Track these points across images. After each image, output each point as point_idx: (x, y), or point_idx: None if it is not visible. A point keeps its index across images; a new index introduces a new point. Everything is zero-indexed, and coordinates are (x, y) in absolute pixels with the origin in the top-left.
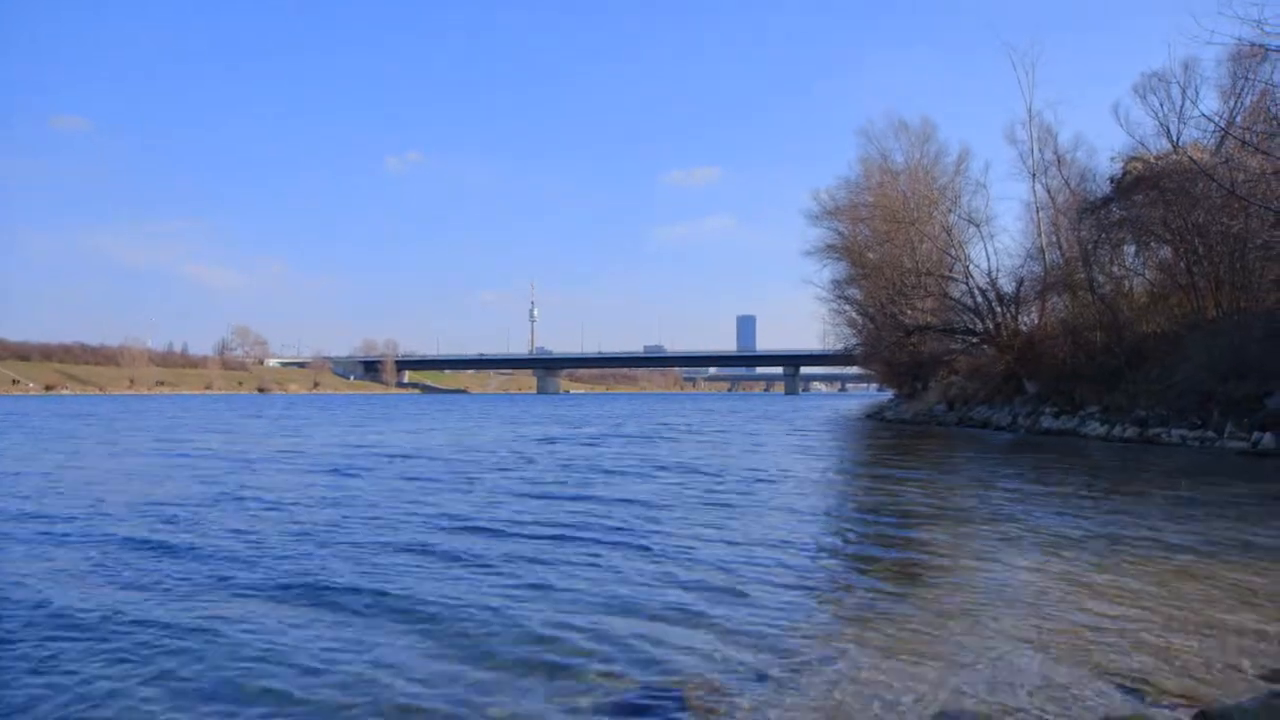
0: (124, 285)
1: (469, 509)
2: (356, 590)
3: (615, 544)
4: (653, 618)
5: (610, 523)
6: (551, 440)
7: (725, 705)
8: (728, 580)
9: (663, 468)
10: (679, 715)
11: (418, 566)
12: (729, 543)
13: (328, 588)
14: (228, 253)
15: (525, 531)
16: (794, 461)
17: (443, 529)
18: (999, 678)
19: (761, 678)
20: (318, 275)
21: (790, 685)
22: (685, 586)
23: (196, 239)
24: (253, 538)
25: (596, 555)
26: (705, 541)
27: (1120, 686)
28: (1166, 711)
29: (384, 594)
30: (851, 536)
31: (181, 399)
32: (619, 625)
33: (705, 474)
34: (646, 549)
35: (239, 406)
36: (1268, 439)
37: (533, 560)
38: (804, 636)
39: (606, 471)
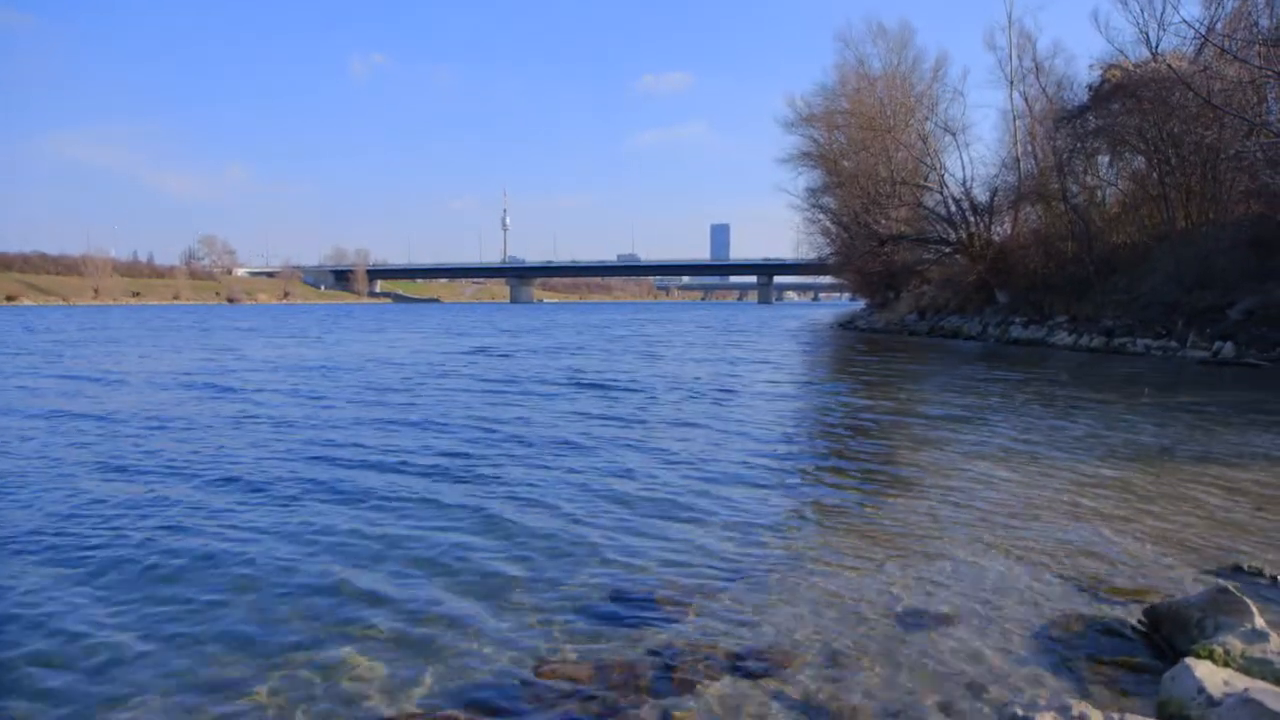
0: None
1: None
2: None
3: (582, 455)
4: (619, 524)
5: (577, 434)
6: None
7: (696, 605)
8: (695, 486)
9: (636, 379)
10: (651, 615)
11: (388, 481)
12: (694, 453)
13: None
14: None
15: (481, 441)
16: (763, 371)
17: (413, 444)
18: (960, 578)
19: (731, 578)
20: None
21: (759, 585)
22: (653, 493)
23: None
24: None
25: (558, 466)
26: (671, 451)
27: (1075, 585)
28: (1118, 608)
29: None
30: (820, 444)
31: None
32: (585, 532)
33: (665, 386)
34: (614, 459)
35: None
36: (1228, 348)
37: (493, 475)
38: (772, 539)
39: (579, 384)
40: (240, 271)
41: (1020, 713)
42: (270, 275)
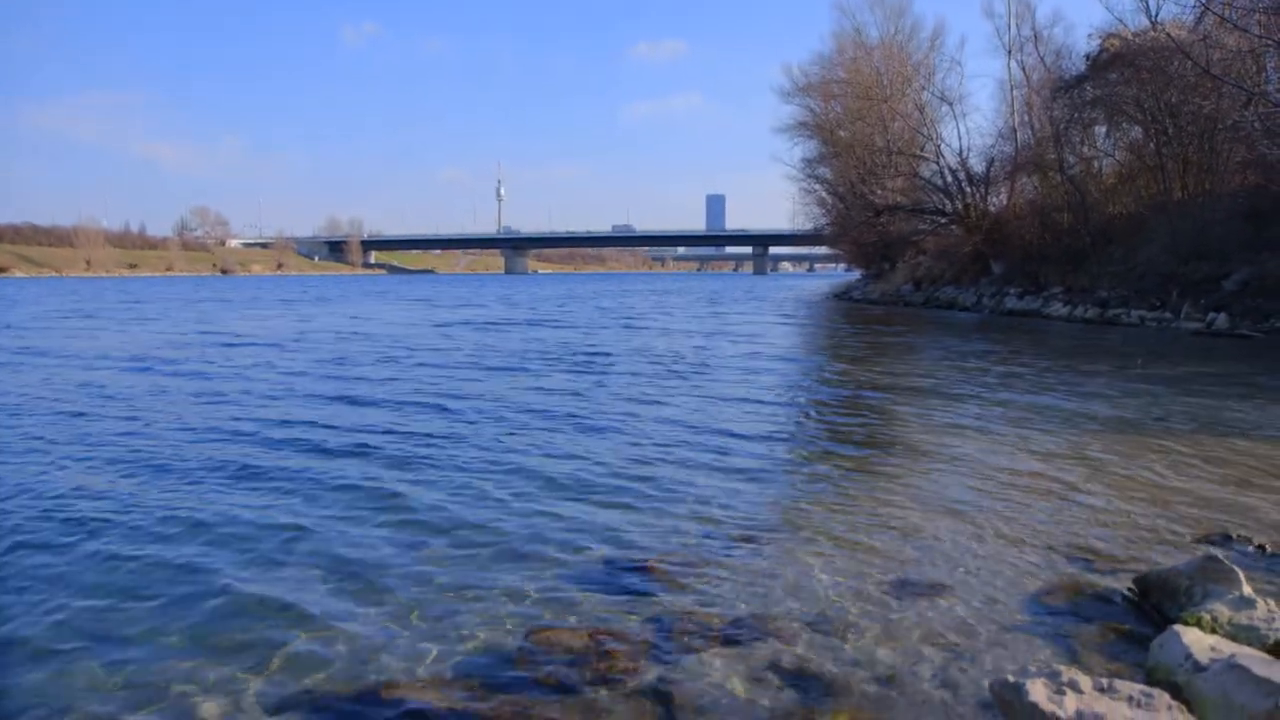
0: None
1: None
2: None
3: (573, 427)
4: (609, 495)
5: (570, 405)
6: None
7: (688, 575)
8: (686, 458)
9: (633, 348)
10: (643, 584)
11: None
12: (686, 425)
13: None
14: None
15: (478, 411)
16: (757, 342)
17: (397, 403)
18: (952, 548)
19: (723, 549)
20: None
21: (751, 556)
22: (643, 465)
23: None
24: None
25: (548, 437)
26: (662, 423)
27: (1066, 555)
28: (1109, 577)
29: (344, 476)
30: (813, 414)
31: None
32: (576, 504)
33: (661, 355)
34: (602, 429)
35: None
36: (1221, 319)
37: (486, 444)
38: (765, 511)
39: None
40: (233, 243)
41: (1011, 680)
42: (264, 246)
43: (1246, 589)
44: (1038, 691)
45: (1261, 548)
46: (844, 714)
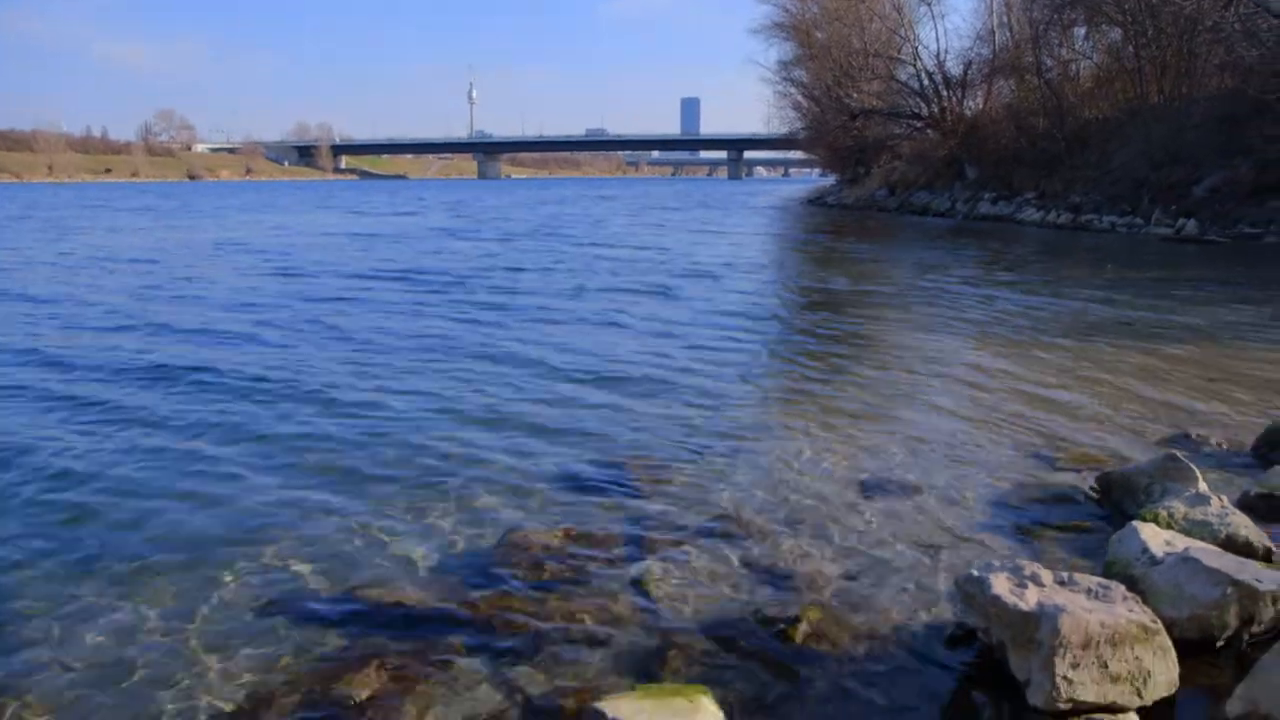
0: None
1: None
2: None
3: (544, 335)
4: (584, 403)
5: (542, 314)
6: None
7: (667, 477)
8: (660, 364)
9: (605, 255)
10: (619, 486)
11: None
12: (659, 331)
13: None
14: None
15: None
16: (730, 248)
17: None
18: (920, 448)
19: (697, 451)
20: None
21: (725, 458)
22: (618, 371)
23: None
24: None
25: (522, 347)
26: (636, 330)
27: (1032, 455)
28: (1072, 476)
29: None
30: (786, 319)
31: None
32: (552, 411)
33: (640, 259)
34: (575, 338)
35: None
36: (1191, 225)
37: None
38: (738, 413)
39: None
40: (200, 148)
41: (975, 574)
42: (231, 151)
43: (1203, 486)
44: (1000, 585)
45: (1219, 446)
46: (815, 609)
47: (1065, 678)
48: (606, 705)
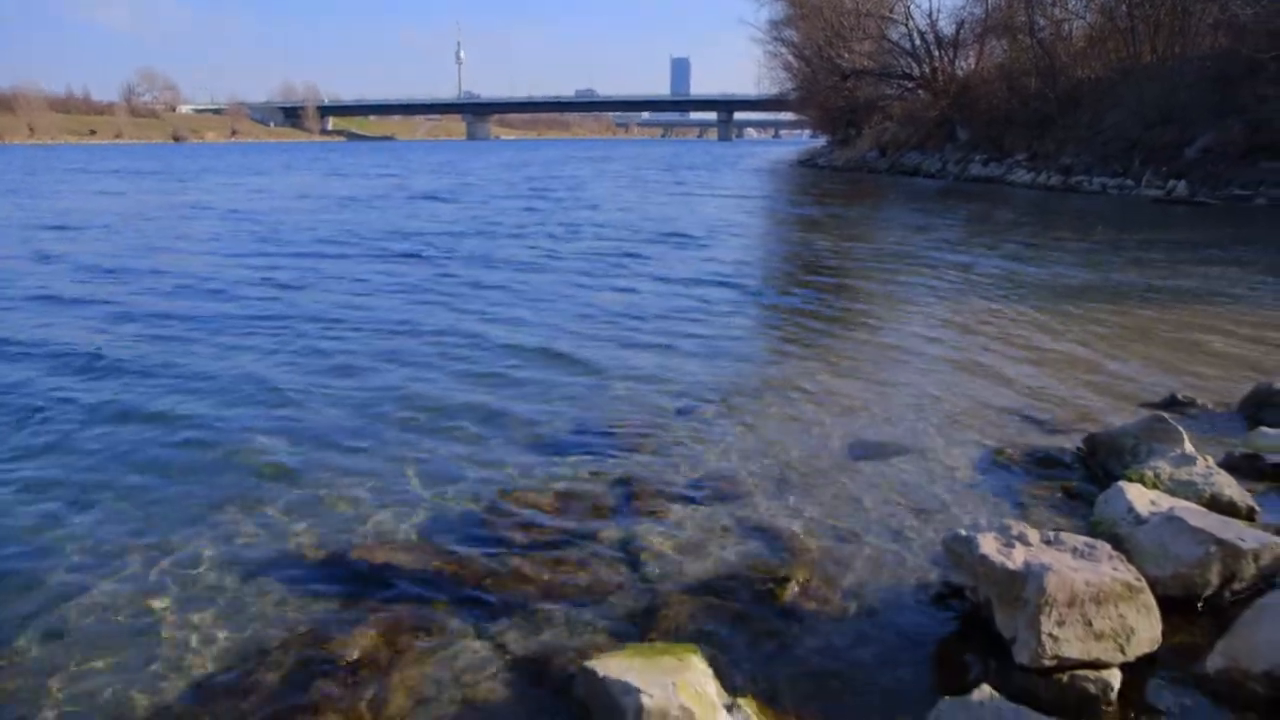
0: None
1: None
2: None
3: (533, 299)
4: (574, 364)
5: (530, 278)
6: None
7: (656, 439)
8: (651, 326)
9: (590, 219)
10: (609, 449)
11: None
12: (651, 293)
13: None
14: None
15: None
16: (720, 211)
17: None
18: (909, 411)
19: (687, 414)
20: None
21: (716, 419)
22: (609, 332)
23: None
24: None
25: (510, 306)
26: (630, 291)
27: (1020, 417)
28: (1060, 437)
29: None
30: (776, 282)
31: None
32: (544, 371)
33: (625, 223)
34: (564, 300)
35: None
36: (1181, 187)
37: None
38: (728, 375)
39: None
40: (184, 109)
41: (963, 534)
42: (217, 113)
43: (1188, 447)
44: (988, 545)
45: (1204, 407)
46: (803, 569)
47: (1051, 635)
48: (597, 664)
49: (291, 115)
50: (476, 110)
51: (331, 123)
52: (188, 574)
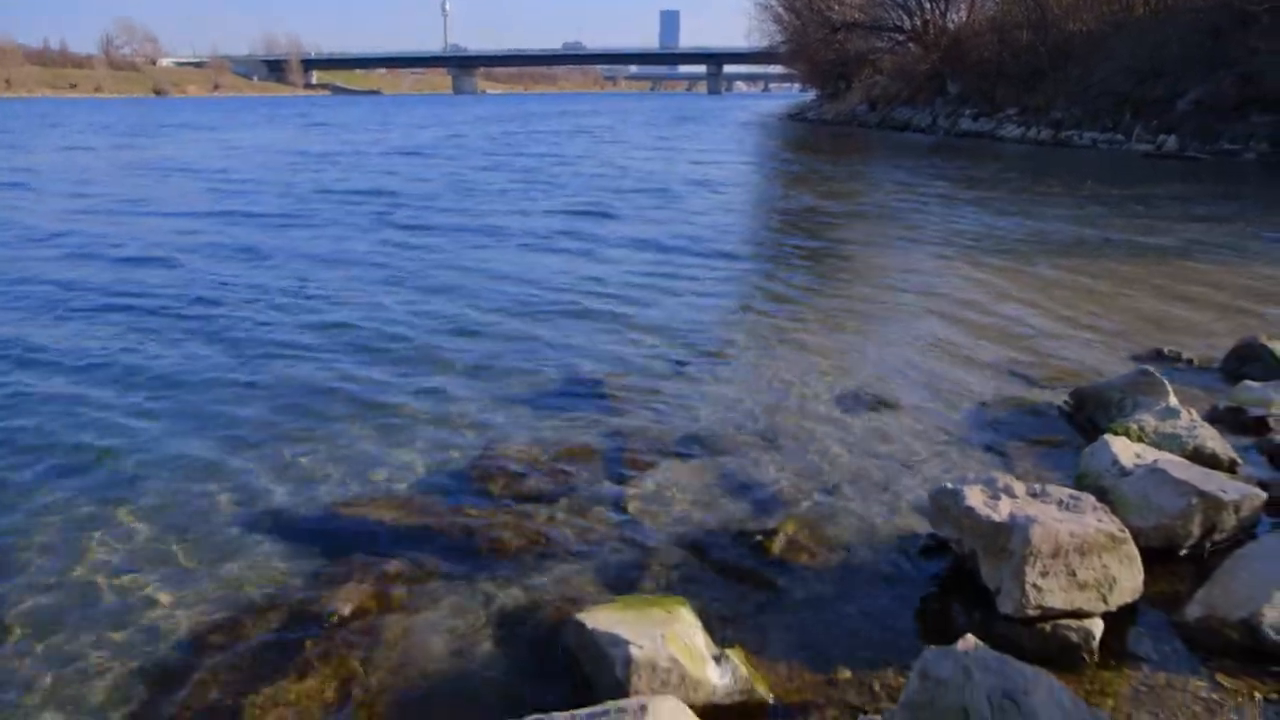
0: None
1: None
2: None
3: (520, 249)
4: (563, 318)
5: (518, 228)
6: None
7: (645, 393)
8: (640, 282)
9: (575, 171)
10: (598, 404)
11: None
12: (639, 249)
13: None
14: None
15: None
16: (708, 165)
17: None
18: (898, 365)
19: (677, 368)
20: None
21: (704, 373)
22: (600, 287)
23: None
24: None
25: (499, 264)
26: (615, 247)
27: (1009, 372)
28: (1047, 392)
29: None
30: (766, 236)
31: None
32: (531, 328)
33: (609, 179)
34: (552, 252)
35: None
36: (1171, 141)
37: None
38: (718, 330)
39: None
40: (165, 62)
41: (950, 486)
42: (198, 66)
43: (1173, 400)
44: (974, 497)
45: (1190, 361)
46: (791, 522)
47: (1035, 585)
48: (586, 616)
49: (275, 69)
50: (462, 64)
51: (315, 76)
52: (178, 529)
